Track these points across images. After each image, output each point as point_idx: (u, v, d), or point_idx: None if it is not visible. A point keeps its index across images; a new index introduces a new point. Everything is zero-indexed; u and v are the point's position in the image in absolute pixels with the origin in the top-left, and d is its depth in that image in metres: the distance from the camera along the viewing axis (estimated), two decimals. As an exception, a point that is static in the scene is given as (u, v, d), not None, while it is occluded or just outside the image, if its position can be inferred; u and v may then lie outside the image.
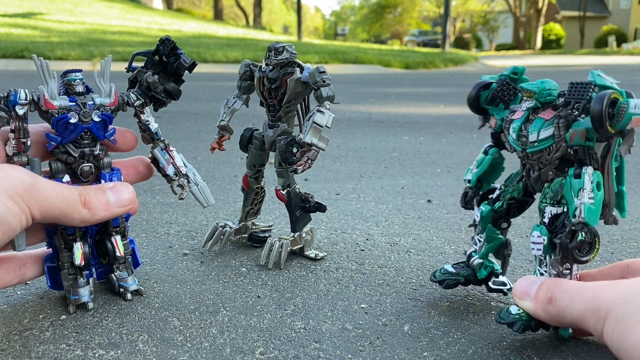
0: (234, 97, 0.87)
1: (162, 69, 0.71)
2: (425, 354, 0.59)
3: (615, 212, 0.59)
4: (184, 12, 23.20)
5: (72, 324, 0.64)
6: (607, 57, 13.60)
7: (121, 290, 0.71)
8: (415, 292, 0.75)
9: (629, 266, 0.62)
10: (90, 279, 0.69)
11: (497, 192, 0.68)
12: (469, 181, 0.70)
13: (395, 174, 1.52)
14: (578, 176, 0.56)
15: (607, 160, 0.57)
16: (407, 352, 0.59)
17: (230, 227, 0.89)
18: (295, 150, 0.80)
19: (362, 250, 0.91)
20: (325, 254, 0.87)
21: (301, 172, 0.81)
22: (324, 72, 0.78)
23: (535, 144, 0.59)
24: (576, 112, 0.56)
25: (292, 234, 0.85)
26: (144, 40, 8.90)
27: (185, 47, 7.99)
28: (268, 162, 0.89)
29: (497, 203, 0.67)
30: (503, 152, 0.69)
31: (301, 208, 0.85)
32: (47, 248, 0.70)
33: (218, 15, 24.61)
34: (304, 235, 0.86)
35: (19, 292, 0.73)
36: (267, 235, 0.92)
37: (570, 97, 0.57)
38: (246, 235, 0.92)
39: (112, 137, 0.68)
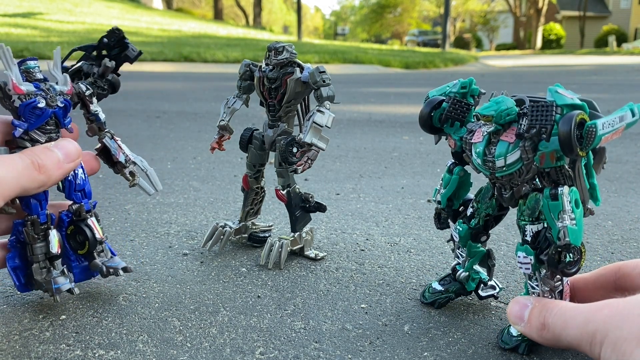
0: (234, 97, 0.87)
1: (99, 64, 0.72)
2: (426, 354, 0.59)
3: (590, 204, 0.60)
4: (184, 12, 23.21)
5: (72, 324, 0.64)
6: (607, 57, 13.59)
7: (111, 270, 0.70)
8: (415, 292, 0.75)
9: (620, 269, 0.62)
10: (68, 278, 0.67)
11: (471, 209, 0.67)
12: (439, 202, 0.68)
13: (395, 174, 1.52)
14: (554, 197, 0.55)
15: (576, 165, 0.56)
16: (407, 352, 0.59)
17: (230, 227, 0.89)
18: (295, 150, 0.80)
19: (362, 250, 0.91)
20: (325, 254, 0.87)
21: (301, 172, 0.81)
22: (324, 72, 0.79)
23: (504, 168, 0.57)
24: (544, 137, 0.54)
25: (292, 234, 0.85)
26: (144, 40, 8.90)
27: (185, 47, 8.03)
28: (268, 162, 0.89)
29: (473, 220, 0.66)
30: (468, 166, 0.66)
31: (301, 208, 0.85)
32: (9, 247, 0.67)
33: (218, 15, 24.63)
34: (304, 235, 0.86)
35: (19, 292, 0.73)
36: (267, 235, 0.92)
37: (534, 121, 0.54)
38: (246, 235, 0.92)
39: (70, 126, 0.68)
